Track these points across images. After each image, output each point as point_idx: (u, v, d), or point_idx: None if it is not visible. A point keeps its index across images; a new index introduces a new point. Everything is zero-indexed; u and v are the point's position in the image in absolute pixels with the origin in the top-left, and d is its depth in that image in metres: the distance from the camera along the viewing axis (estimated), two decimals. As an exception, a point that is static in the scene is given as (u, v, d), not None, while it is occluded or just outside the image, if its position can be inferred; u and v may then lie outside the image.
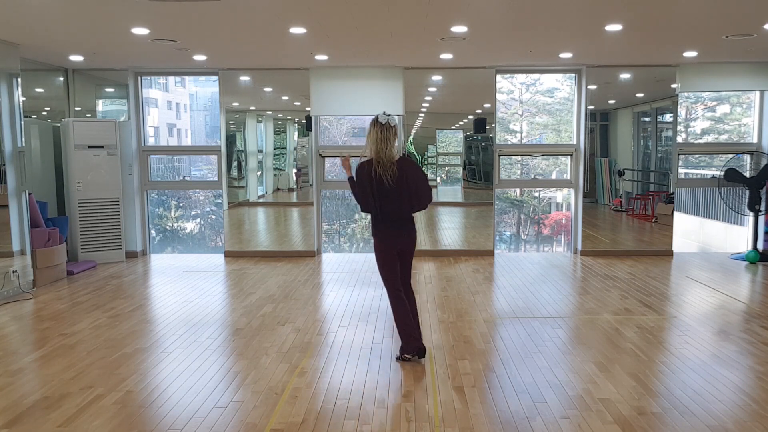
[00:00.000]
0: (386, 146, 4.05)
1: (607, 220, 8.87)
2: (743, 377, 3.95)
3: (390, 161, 4.06)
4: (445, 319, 5.28)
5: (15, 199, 6.46)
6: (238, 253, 8.41)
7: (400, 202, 4.12)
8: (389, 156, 4.06)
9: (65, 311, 5.63)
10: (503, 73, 8.48)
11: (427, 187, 4.23)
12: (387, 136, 4.05)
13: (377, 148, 4.05)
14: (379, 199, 4.09)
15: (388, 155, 4.06)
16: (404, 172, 4.10)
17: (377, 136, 4.05)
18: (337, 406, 3.53)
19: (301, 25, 5.70)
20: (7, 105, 6.35)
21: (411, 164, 4.26)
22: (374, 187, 4.07)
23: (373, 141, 4.07)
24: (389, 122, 4.08)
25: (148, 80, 9.08)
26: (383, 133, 4.05)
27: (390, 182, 4.05)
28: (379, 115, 4.11)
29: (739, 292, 6.30)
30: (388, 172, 4.04)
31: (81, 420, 3.35)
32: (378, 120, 4.09)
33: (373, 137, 4.07)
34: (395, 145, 4.10)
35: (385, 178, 4.04)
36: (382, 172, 4.04)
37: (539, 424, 3.27)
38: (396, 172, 4.06)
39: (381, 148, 4.05)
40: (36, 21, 5.51)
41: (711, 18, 5.55)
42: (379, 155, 4.06)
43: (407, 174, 4.11)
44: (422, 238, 8.56)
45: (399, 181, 4.06)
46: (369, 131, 4.11)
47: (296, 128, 8.89)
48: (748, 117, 8.68)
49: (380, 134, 4.05)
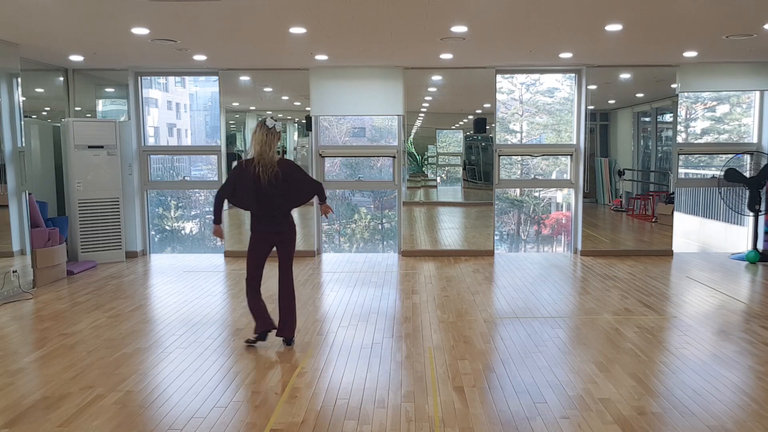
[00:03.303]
0: (269, 149, 4.34)
1: (607, 220, 8.87)
2: (743, 377, 3.95)
3: (270, 162, 4.33)
4: (445, 319, 5.28)
5: (15, 199, 6.46)
6: (238, 253, 8.40)
7: (275, 201, 4.40)
8: (270, 157, 4.34)
9: (65, 311, 5.63)
10: (503, 73, 8.48)
11: (311, 183, 4.55)
12: (271, 139, 4.35)
13: (261, 149, 4.33)
14: (255, 196, 4.36)
15: (269, 157, 4.33)
16: (285, 174, 4.38)
17: (262, 138, 4.33)
18: (337, 406, 3.53)
19: (301, 25, 5.70)
20: (7, 105, 6.35)
21: (291, 165, 4.50)
22: (252, 184, 4.33)
23: (257, 142, 4.34)
24: (275, 127, 4.39)
25: (148, 80, 9.07)
26: (268, 136, 4.34)
27: (267, 181, 4.32)
28: (266, 119, 4.40)
29: (739, 292, 6.30)
30: (267, 172, 4.31)
31: (81, 420, 3.35)
32: (265, 123, 4.38)
33: (258, 138, 4.34)
34: (276, 148, 4.41)
35: (263, 177, 4.31)
36: (261, 171, 4.31)
37: (539, 424, 3.28)
38: (275, 173, 4.33)
39: (264, 150, 4.33)
40: (36, 21, 5.51)
41: (711, 18, 5.55)
42: (261, 155, 4.33)
43: (287, 175, 4.39)
44: (422, 238, 8.56)
45: (277, 181, 4.34)
46: (255, 132, 4.39)
47: (296, 128, 8.89)
48: (748, 117, 8.68)
49: (265, 137, 4.33)
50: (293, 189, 4.43)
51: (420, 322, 5.21)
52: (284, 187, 4.38)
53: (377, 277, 7.03)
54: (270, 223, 4.50)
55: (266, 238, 4.56)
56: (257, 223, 4.52)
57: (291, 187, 4.41)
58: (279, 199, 4.40)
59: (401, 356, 4.36)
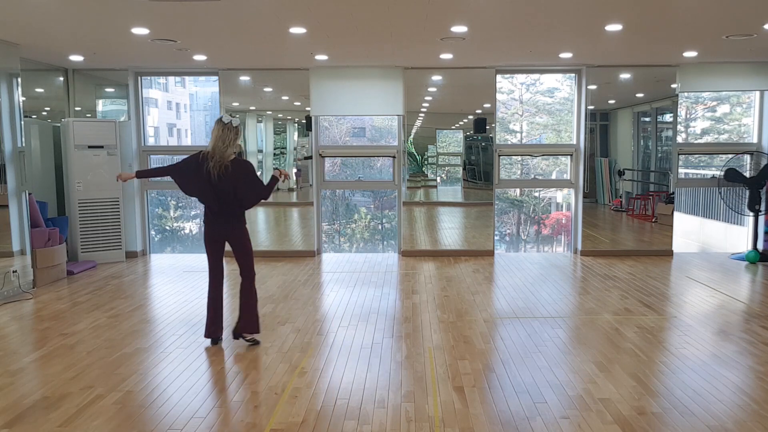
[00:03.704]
0: (224, 144, 4.35)
1: (607, 220, 8.87)
2: (743, 377, 3.95)
3: (222, 158, 4.34)
4: (445, 319, 5.28)
5: (15, 199, 6.46)
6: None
7: (223, 197, 4.41)
8: (225, 154, 4.35)
9: (65, 311, 5.63)
10: (503, 73, 8.48)
11: (259, 187, 4.49)
12: (226, 134, 4.36)
13: (215, 144, 4.36)
14: (206, 189, 4.39)
15: (223, 153, 4.34)
16: (235, 173, 4.37)
17: (217, 134, 4.36)
18: (337, 406, 3.53)
19: (301, 25, 5.70)
20: (7, 105, 6.35)
21: (243, 166, 4.47)
22: (205, 176, 4.36)
23: (214, 138, 4.37)
24: (231, 123, 4.40)
25: (148, 80, 9.08)
26: (224, 132, 4.36)
27: (216, 177, 4.34)
28: (223, 116, 4.41)
29: (739, 292, 6.30)
30: (218, 168, 4.33)
31: (81, 420, 3.35)
32: (222, 120, 4.39)
33: (215, 134, 4.37)
34: (235, 145, 4.41)
35: (213, 173, 4.33)
36: (212, 166, 4.33)
37: (539, 424, 3.28)
38: (226, 171, 4.34)
39: (218, 145, 4.35)
40: (36, 21, 5.51)
41: (711, 18, 5.55)
42: (215, 151, 4.35)
43: (238, 174, 4.38)
44: (422, 238, 8.56)
45: (226, 179, 4.35)
46: (213, 128, 4.41)
47: (296, 128, 8.89)
48: (748, 117, 8.68)
49: (221, 132, 4.36)
50: (240, 190, 4.42)
51: (420, 322, 5.21)
52: (232, 185, 4.38)
53: (377, 277, 7.03)
54: (217, 219, 4.50)
55: (214, 234, 4.56)
56: (206, 217, 4.55)
57: (238, 187, 4.40)
58: (225, 196, 4.40)
59: (401, 356, 4.36)
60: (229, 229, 4.55)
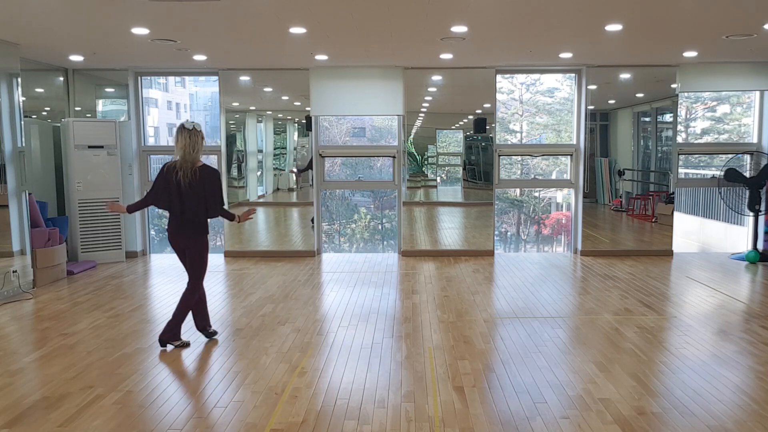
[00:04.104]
0: (194, 150, 4.41)
1: (607, 220, 8.87)
2: (743, 377, 3.95)
3: (194, 164, 4.41)
4: (445, 319, 5.28)
5: (15, 199, 6.46)
6: (238, 253, 8.41)
7: (189, 205, 4.43)
8: (194, 159, 4.41)
9: (65, 311, 5.63)
10: (503, 73, 8.48)
11: (218, 201, 4.54)
12: (195, 140, 4.42)
13: (185, 151, 4.40)
14: (174, 198, 4.42)
15: (192, 158, 4.40)
16: (203, 179, 4.43)
17: (187, 141, 4.39)
18: (337, 406, 3.53)
19: (301, 25, 5.70)
20: (7, 105, 6.35)
21: (210, 174, 4.50)
22: (173, 186, 4.40)
23: (181, 147, 4.40)
24: (195, 128, 4.44)
25: (148, 80, 9.08)
26: (191, 138, 4.41)
27: (187, 185, 4.39)
28: (185, 123, 4.44)
29: (739, 292, 6.30)
30: (189, 175, 4.39)
31: (81, 420, 3.35)
32: (185, 127, 4.42)
33: (182, 143, 4.39)
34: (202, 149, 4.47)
35: (183, 181, 4.38)
36: (182, 175, 4.39)
37: (539, 424, 3.28)
38: (194, 177, 4.40)
39: (188, 152, 4.40)
40: (36, 21, 5.51)
41: (711, 18, 5.55)
42: (185, 158, 4.40)
43: (205, 182, 4.43)
44: (422, 238, 8.56)
45: (195, 185, 4.40)
46: (177, 138, 4.42)
47: (296, 128, 8.89)
48: (748, 117, 8.68)
49: (188, 140, 4.40)
50: (208, 195, 4.45)
51: (420, 322, 5.21)
52: (201, 190, 4.41)
53: (377, 277, 7.03)
54: (181, 226, 4.51)
55: (174, 239, 4.57)
56: (170, 225, 4.55)
57: (207, 192, 4.44)
58: (193, 203, 4.42)
59: (401, 356, 4.36)
60: (189, 239, 4.55)
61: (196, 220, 4.50)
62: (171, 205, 4.46)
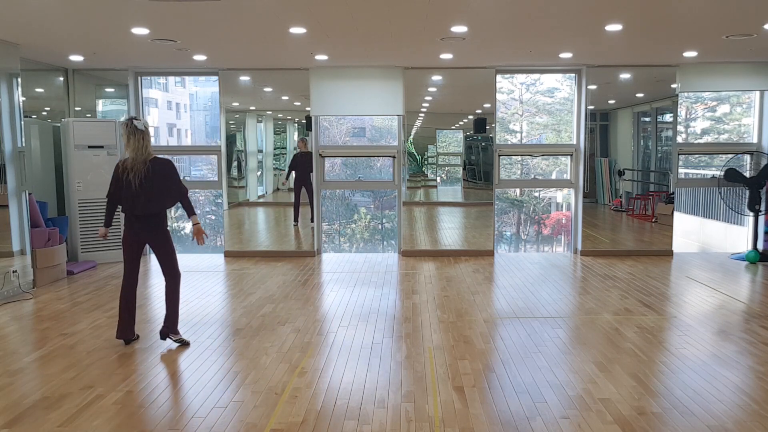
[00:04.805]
0: (145, 150, 4.49)
1: (607, 220, 8.87)
2: (743, 377, 3.95)
3: (144, 160, 4.46)
4: (445, 319, 5.28)
5: (15, 199, 6.46)
6: (238, 253, 8.41)
7: (144, 200, 4.46)
8: (145, 156, 4.47)
9: (65, 311, 5.63)
10: (503, 73, 8.47)
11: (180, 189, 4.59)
12: (147, 140, 4.51)
13: (137, 150, 4.47)
14: (127, 194, 4.47)
15: (144, 157, 4.46)
16: (155, 172, 4.47)
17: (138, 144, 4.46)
18: (337, 406, 3.53)
19: (301, 25, 5.70)
20: (7, 105, 6.35)
21: (164, 164, 4.55)
22: (124, 183, 4.46)
23: (133, 148, 4.47)
24: (146, 127, 4.54)
25: (148, 80, 9.08)
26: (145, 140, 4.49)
27: (139, 182, 4.43)
28: (136, 123, 4.49)
29: (739, 292, 6.30)
30: (140, 172, 4.44)
31: (81, 420, 3.35)
32: (136, 127, 4.48)
33: (134, 145, 4.46)
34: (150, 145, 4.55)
35: (134, 180, 4.43)
36: (134, 175, 4.44)
37: (539, 424, 3.28)
38: (146, 172, 4.45)
39: (141, 152, 4.47)
40: (36, 21, 5.51)
41: (711, 18, 5.55)
42: (136, 156, 4.46)
43: (158, 173, 4.48)
44: (422, 238, 8.56)
45: (148, 181, 4.45)
46: (128, 138, 4.47)
47: (296, 128, 8.89)
48: (748, 117, 8.68)
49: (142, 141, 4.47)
50: (161, 187, 4.48)
51: (420, 322, 5.21)
52: (153, 184, 4.45)
53: (377, 277, 7.03)
54: (140, 223, 4.54)
55: (136, 237, 4.59)
56: (127, 221, 4.58)
57: (158, 185, 4.47)
58: (145, 196, 4.45)
59: (401, 356, 4.36)
60: (152, 234, 4.61)
61: (153, 214, 4.54)
62: (128, 204, 4.51)
